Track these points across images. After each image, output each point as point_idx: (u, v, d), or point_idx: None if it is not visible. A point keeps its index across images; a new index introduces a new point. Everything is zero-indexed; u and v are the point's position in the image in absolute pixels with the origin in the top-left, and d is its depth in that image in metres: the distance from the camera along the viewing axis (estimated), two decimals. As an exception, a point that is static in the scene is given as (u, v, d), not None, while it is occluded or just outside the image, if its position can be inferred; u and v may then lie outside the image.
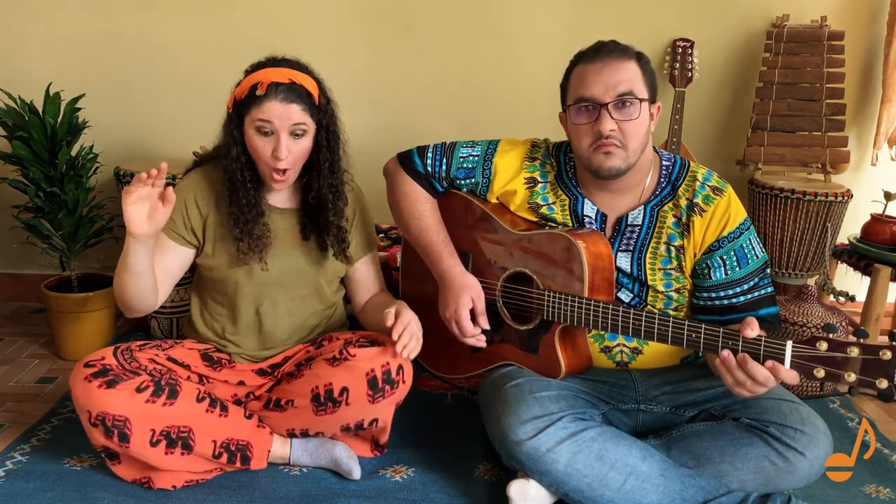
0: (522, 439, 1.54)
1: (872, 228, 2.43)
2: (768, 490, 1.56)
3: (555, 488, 1.56)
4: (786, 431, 1.56)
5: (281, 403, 1.74)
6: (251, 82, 1.63)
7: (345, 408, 1.66)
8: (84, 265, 2.63)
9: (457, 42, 2.69)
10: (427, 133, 2.71)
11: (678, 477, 1.54)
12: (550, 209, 1.75)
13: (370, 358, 1.65)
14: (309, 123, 1.66)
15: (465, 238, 1.84)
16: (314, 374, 1.69)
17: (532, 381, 1.65)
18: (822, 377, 1.35)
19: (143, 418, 1.58)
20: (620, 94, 1.58)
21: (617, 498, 1.52)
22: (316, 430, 1.74)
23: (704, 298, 1.70)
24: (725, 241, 1.65)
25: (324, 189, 1.73)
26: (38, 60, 2.67)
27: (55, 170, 2.26)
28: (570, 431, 1.54)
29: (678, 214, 1.68)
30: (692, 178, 1.70)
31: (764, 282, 1.68)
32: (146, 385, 1.59)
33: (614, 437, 1.56)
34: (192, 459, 1.66)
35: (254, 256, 1.70)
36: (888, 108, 2.58)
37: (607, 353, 1.75)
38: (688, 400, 1.70)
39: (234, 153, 1.67)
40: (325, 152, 1.71)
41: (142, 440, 1.58)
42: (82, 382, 1.56)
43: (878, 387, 1.31)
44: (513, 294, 1.76)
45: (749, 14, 2.65)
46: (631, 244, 1.69)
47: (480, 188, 1.82)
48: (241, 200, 1.68)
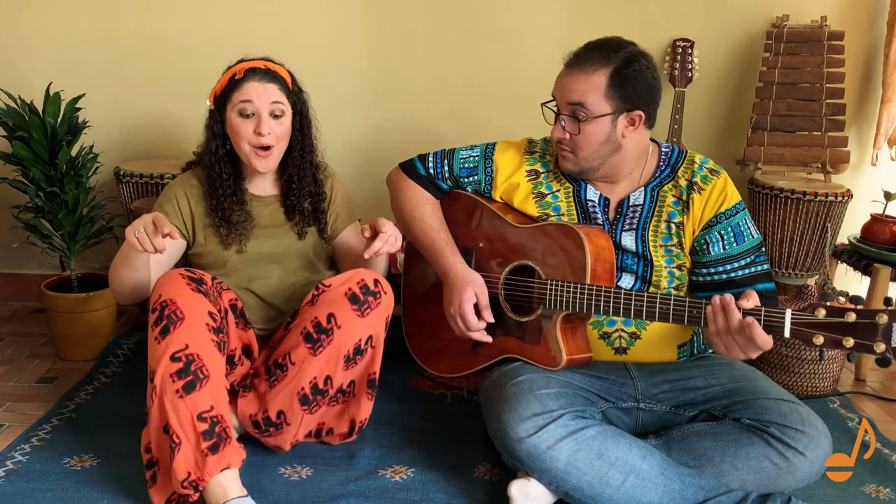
0: (522, 437, 1.55)
1: (872, 228, 2.43)
2: (768, 490, 1.56)
3: (555, 486, 1.56)
4: (786, 432, 1.56)
5: (280, 362, 1.72)
6: (229, 74, 1.79)
7: (337, 332, 1.67)
8: (84, 265, 2.63)
9: (458, 42, 2.69)
10: (427, 133, 2.72)
11: (678, 476, 1.54)
12: (555, 197, 1.80)
13: (343, 281, 1.71)
14: (286, 104, 1.79)
15: (467, 236, 1.87)
16: (300, 320, 1.73)
17: (532, 380, 1.66)
18: (821, 343, 1.39)
19: (193, 327, 1.58)
20: (572, 104, 1.67)
21: (617, 496, 1.52)
22: (325, 374, 1.70)
23: (703, 274, 1.73)
24: (723, 216, 1.71)
25: (293, 171, 1.86)
26: (38, 60, 2.67)
27: (55, 170, 2.26)
28: (570, 429, 1.55)
29: (678, 193, 1.74)
30: (690, 160, 1.78)
31: (760, 259, 1.73)
32: (215, 318, 1.64)
33: (614, 436, 1.57)
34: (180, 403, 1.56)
35: (234, 240, 1.82)
36: (888, 107, 2.58)
37: (606, 339, 1.76)
38: (687, 399, 1.70)
39: (214, 147, 1.80)
40: (298, 136, 1.84)
41: (176, 342, 1.57)
42: (176, 275, 1.64)
43: (876, 350, 1.34)
44: (515, 286, 1.78)
45: (749, 14, 2.65)
46: (634, 223, 1.75)
47: (484, 186, 1.87)
48: (218, 190, 1.81)
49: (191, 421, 1.54)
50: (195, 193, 1.85)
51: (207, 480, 1.54)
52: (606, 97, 1.65)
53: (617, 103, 1.66)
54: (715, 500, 1.52)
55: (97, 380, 2.22)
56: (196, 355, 1.57)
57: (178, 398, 1.55)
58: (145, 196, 2.50)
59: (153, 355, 1.58)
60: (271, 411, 1.74)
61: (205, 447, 1.54)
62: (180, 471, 1.53)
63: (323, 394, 1.73)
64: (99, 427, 1.96)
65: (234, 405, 1.77)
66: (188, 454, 1.54)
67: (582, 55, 1.68)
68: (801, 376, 2.25)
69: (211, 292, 1.68)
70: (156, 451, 1.59)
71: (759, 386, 1.68)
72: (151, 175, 2.47)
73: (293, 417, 1.73)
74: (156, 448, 1.59)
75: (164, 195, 1.87)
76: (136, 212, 2.30)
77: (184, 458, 1.54)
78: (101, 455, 1.83)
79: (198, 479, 1.54)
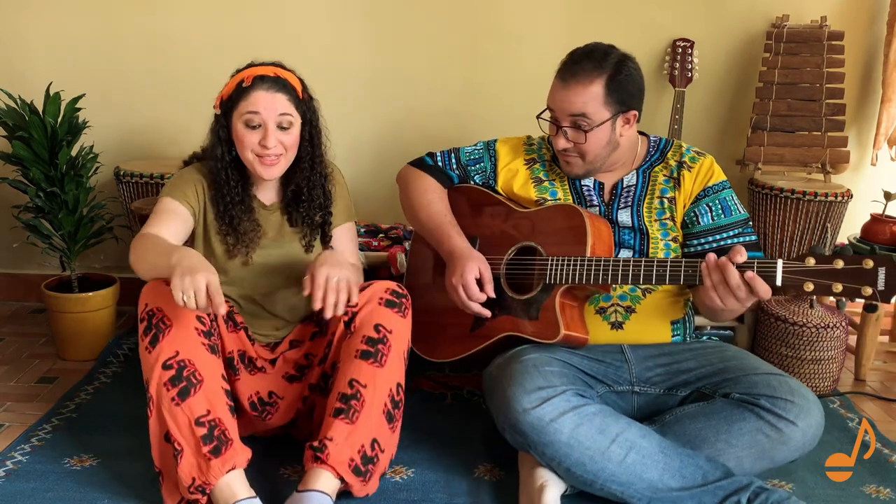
0: (527, 408, 1.57)
1: (872, 228, 2.43)
2: (765, 464, 1.60)
3: (557, 461, 1.57)
4: (776, 402, 1.60)
5: (348, 394, 1.61)
6: (237, 80, 1.70)
7: (391, 337, 1.65)
8: (84, 265, 2.63)
9: (458, 42, 2.69)
10: (427, 133, 2.72)
11: (677, 455, 1.57)
12: (552, 183, 1.89)
13: (369, 297, 1.67)
14: (294, 115, 1.71)
15: (472, 224, 1.94)
16: (346, 357, 1.65)
17: (536, 358, 1.69)
18: (811, 290, 1.46)
19: (182, 333, 1.56)
20: (574, 116, 1.74)
21: (619, 472, 1.54)
22: (396, 382, 1.66)
23: (695, 245, 1.81)
24: (710, 191, 1.81)
25: (302, 183, 1.78)
26: (38, 60, 2.67)
27: (55, 170, 2.26)
28: (572, 404, 1.58)
29: (668, 172, 1.85)
30: (678, 146, 1.89)
31: (748, 230, 1.80)
32: (204, 321, 1.60)
33: (613, 414, 1.61)
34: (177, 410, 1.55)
35: (240, 251, 1.75)
36: (888, 108, 2.58)
37: (602, 314, 1.81)
38: (680, 380, 1.75)
39: (219, 153, 1.72)
40: (307, 146, 1.77)
41: (166, 350, 1.54)
42: (160, 282, 1.58)
43: (863, 294, 1.41)
44: (516, 266, 1.83)
45: (749, 14, 2.65)
46: (629, 201, 1.83)
47: (489, 173, 1.96)
48: (225, 197, 1.73)
49: (189, 426, 1.53)
50: (205, 191, 1.77)
51: (213, 484, 1.53)
52: (605, 104, 1.73)
53: (615, 107, 1.74)
54: (715, 485, 1.53)
55: (97, 380, 2.23)
56: (187, 360, 1.55)
57: (174, 405, 1.53)
58: (145, 196, 2.50)
59: (146, 365, 1.57)
60: (367, 447, 1.61)
61: (206, 451, 1.53)
62: (185, 477, 1.53)
63: (399, 405, 1.68)
64: (99, 427, 1.96)
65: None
66: (191, 460, 1.53)
67: (573, 67, 1.74)
68: (801, 376, 2.25)
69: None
70: (160, 462, 1.59)
71: (749, 363, 1.73)
72: (151, 175, 2.47)
73: (387, 443, 1.66)
74: (160, 458, 1.59)
75: (182, 179, 1.76)
76: (136, 212, 2.31)
77: (187, 464, 1.53)
78: (101, 455, 1.83)
79: (204, 484, 1.53)
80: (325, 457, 1.56)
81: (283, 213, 1.82)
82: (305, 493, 1.54)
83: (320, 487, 1.55)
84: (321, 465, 1.56)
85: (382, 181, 2.69)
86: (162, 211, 1.71)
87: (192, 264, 1.46)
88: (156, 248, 1.60)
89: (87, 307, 2.35)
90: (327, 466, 1.56)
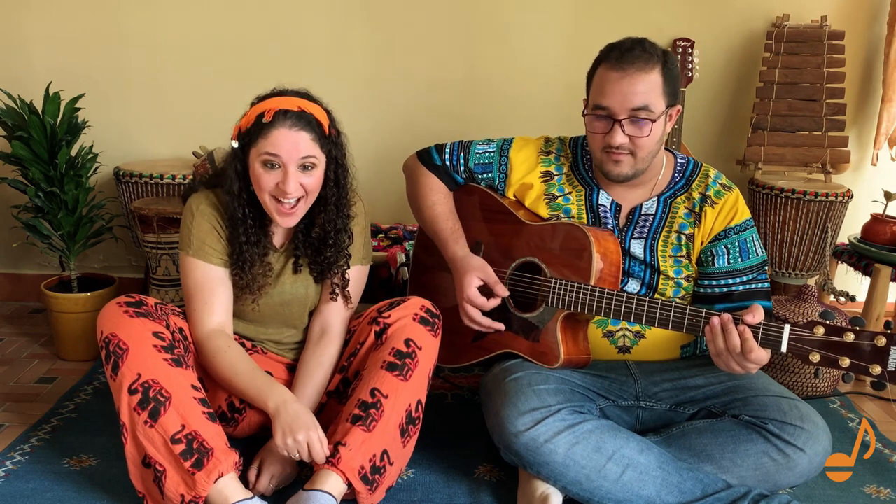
0: (520, 430, 1.55)
1: (872, 228, 2.43)
2: (769, 486, 1.56)
3: (553, 480, 1.56)
4: (785, 428, 1.57)
5: (369, 402, 1.59)
6: (257, 111, 1.57)
7: (420, 353, 1.63)
8: (84, 265, 2.63)
9: (458, 42, 2.69)
10: (428, 133, 2.71)
11: (676, 469, 1.55)
12: (567, 199, 1.80)
13: (405, 313, 1.67)
14: (318, 156, 1.59)
15: (478, 229, 1.89)
16: (372, 365, 1.64)
17: (531, 375, 1.66)
18: (817, 361, 1.39)
19: (139, 354, 1.52)
20: (635, 108, 1.60)
21: (615, 490, 1.53)
22: (417, 399, 1.64)
23: (704, 286, 1.74)
24: (731, 231, 1.72)
25: (328, 226, 1.68)
26: (38, 60, 2.67)
27: (55, 170, 2.26)
28: (567, 423, 1.55)
29: (690, 206, 1.75)
30: (705, 174, 1.77)
31: (762, 276, 1.73)
32: (163, 336, 1.56)
33: (612, 430, 1.58)
34: (151, 432, 1.51)
35: (248, 294, 1.68)
36: (888, 107, 2.58)
37: (610, 337, 1.76)
38: (687, 397, 1.70)
39: (236, 189, 1.62)
40: (333, 187, 1.66)
41: (128, 375, 1.51)
42: (113, 305, 1.57)
43: (872, 373, 1.34)
44: (519, 282, 1.79)
45: (749, 14, 2.65)
46: (644, 231, 1.74)
47: (498, 183, 1.87)
48: (240, 238, 1.64)
49: (166, 445, 1.49)
50: (221, 225, 1.67)
51: (204, 496, 1.49)
52: (663, 94, 1.63)
53: (668, 99, 1.65)
54: (714, 497, 1.52)
55: (97, 380, 2.22)
56: (151, 381, 1.50)
57: (148, 428, 1.49)
58: (145, 196, 2.50)
59: (114, 394, 1.53)
60: (377, 457, 1.59)
61: (188, 466, 1.48)
62: (174, 495, 1.49)
63: (415, 422, 1.65)
64: (99, 427, 1.96)
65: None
66: (175, 478, 1.49)
67: (627, 55, 1.61)
68: (802, 376, 2.25)
69: (153, 312, 1.59)
70: (142, 486, 1.54)
71: (759, 383, 1.68)
72: (151, 175, 2.47)
73: (396, 456, 1.62)
74: (142, 485, 1.54)
75: (201, 230, 1.66)
76: (136, 212, 2.31)
77: (173, 482, 1.49)
78: (101, 455, 1.83)
79: (195, 498, 1.49)
80: (337, 460, 1.54)
81: (290, 254, 1.74)
82: (311, 492, 1.53)
83: (327, 489, 1.53)
84: (332, 467, 1.55)
85: (383, 181, 2.69)
86: (202, 286, 1.65)
87: (291, 422, 1.53)
88: (246, 375, 1.62)
89: (87, 307, 2.35)
90: (337, 470, 1.54)
